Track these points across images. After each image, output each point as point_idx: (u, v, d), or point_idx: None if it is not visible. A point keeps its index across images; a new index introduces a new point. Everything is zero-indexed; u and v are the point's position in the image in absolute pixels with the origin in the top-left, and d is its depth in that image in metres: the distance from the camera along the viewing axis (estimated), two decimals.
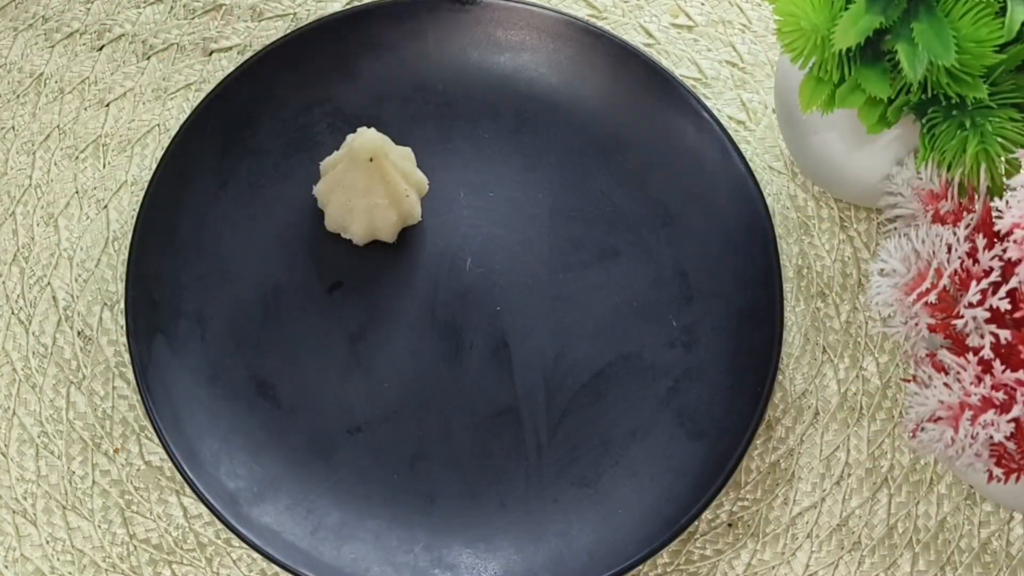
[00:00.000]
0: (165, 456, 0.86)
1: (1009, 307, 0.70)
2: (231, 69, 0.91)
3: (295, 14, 0.95)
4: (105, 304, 0.89)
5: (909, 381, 0.75)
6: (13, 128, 0.92)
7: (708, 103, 0.92)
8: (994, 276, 0.71)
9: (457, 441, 0.85)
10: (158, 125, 0.93)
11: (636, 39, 0.95)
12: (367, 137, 0.84)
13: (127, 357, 0.87)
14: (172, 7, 0.95)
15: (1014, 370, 0.70)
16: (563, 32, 0.91)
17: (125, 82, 0.94)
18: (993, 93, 0.76)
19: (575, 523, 0.83)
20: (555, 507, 0.83)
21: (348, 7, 0.93)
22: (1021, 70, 0.77)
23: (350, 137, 0.85)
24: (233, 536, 0.85)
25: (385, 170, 0.85)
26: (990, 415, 0.70)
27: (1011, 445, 0.71)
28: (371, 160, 0.84)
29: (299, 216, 0.88)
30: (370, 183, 0.85)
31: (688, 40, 0.95)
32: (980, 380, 0.71)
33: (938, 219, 0.77)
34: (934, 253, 0.73)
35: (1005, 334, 0.71)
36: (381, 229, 0.86)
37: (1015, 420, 0.70)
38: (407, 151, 0.87)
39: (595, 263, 0.88)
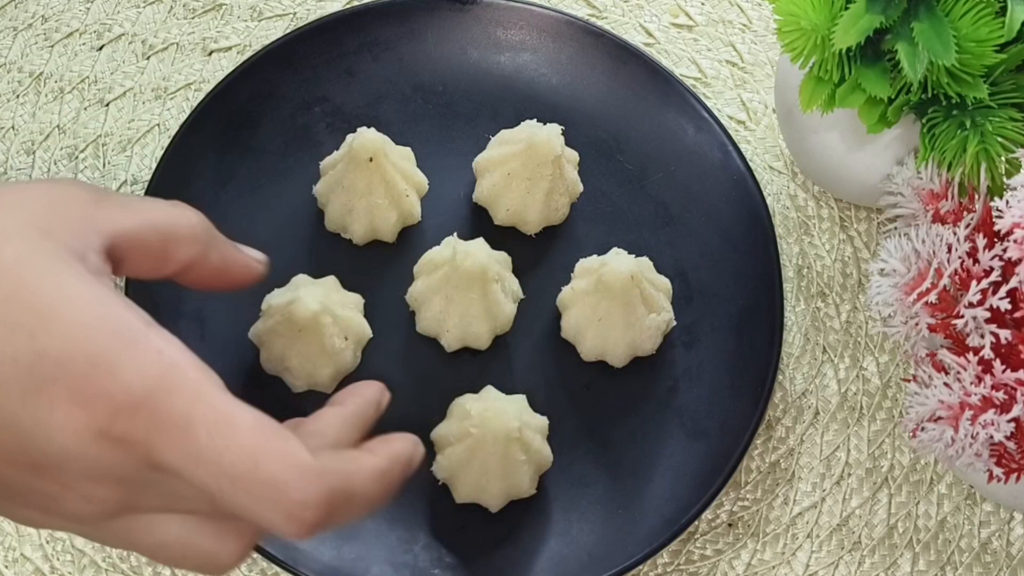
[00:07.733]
0: None
1: (1009, 307, 0.70)
2: (231, 69, 0.91)
3: (295, 14, 0.95)
4: None
5: (909, 381, 0.75)
6: (13, 128, 0.92)
7: (708, 103, 0.92)
8: (994, 276, 0.71)
9: None
10: (158, 125, 0.93)
11: (636, 39, 0.95)
12: (367, 137, 0.84)
13: None
14: (172, 7, 0.95)
15: (1014, 370, 0.70)
16: (563, 32, 0.91)
17: (125, 82, 0.94)
18: (993, 93, 0.76)
19: (575, 523, 0.83)
20: (555, 507, 0.83)
21: (347, 7, 0.93)
22: (1021, 70, 0.77)
23: (350, 137, 0.85)
24: None
25: (385, 170, 0.84)
26: (990, 415, 0.70)
27: (1011, 445, 0.71)
28: (371, 160, 0.84)
29: (299, 216, 0.88)
30: (370, 183, 0.85)
31: (688, 40, 0.95)
32: (980, 380, 0.71)
33: (938, 219, 0.77)
34: (934, 253, 0.73)
35: (1005, 334, 0.71)
36: (381, 229, 0.86)
37: (1015, 420, 0.70)
38: (407, 151, 0.87)
39: None
